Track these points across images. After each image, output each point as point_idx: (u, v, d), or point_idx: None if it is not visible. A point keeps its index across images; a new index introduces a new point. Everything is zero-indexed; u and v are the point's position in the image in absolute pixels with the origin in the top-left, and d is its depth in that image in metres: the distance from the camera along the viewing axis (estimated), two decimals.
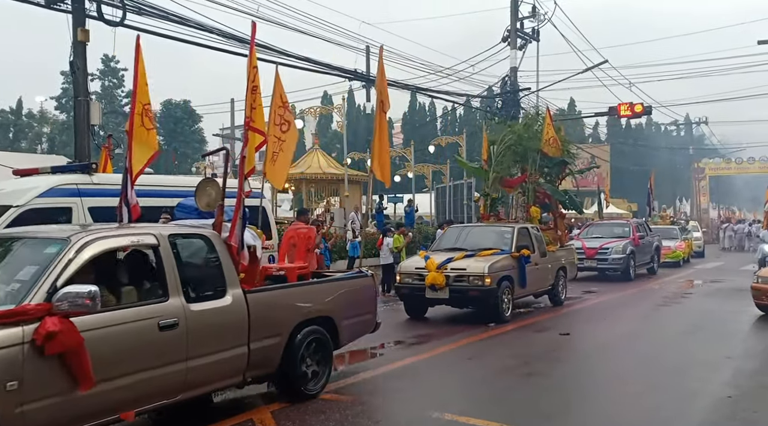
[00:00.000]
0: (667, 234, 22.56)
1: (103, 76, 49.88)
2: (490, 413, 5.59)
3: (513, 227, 11.80)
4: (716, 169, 48.69)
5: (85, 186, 8.21)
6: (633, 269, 17.67)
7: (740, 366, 7.55)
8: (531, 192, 13.92)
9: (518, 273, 10.89)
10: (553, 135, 14.03)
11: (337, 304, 6.40)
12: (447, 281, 10.15)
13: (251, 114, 6.19)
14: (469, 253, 10.78)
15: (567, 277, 13.21)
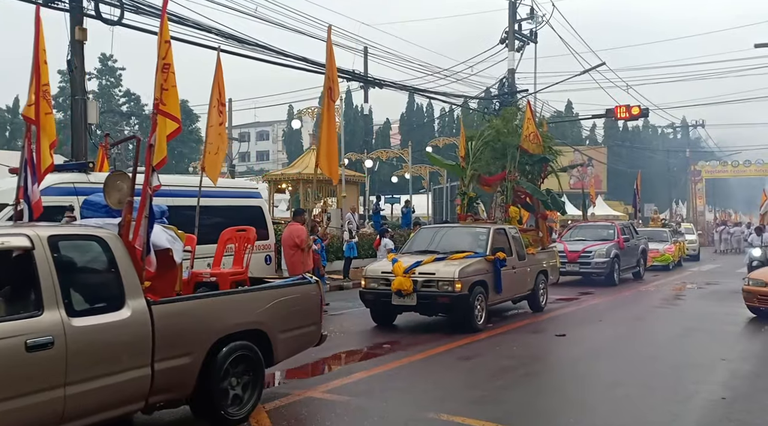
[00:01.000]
0: (656, 236, 22.02)
1: (100, 75, 49.84)
2: (486, 414, 5.60)
3: (488, 228, 10.96)
4: (712, 172, 48.90)
5: (81, 185, 8.23)
6: (617, 273, 16.88)
7: (735, 368, 7.58)
8: (510, 191, 13.01)
9: (493, 277, 10.12)
10: (533, 130, 13.13)
11: (272, 316, 5.62)
12: (415, 287, 9.38)
13: (162, 96, 5.38)
14: (439, 256, 10.03)
15: (548, 282, 12.52)
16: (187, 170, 41.60)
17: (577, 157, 44.79)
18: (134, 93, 51.27)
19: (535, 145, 13.07)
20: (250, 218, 10.67)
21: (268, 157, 76.09)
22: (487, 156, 13.35)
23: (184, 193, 9.50)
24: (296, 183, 23.93)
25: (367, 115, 37.08)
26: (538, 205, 13.53)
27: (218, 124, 7.72)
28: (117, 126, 46.02)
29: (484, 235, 10.71)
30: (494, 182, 13.27)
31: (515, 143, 13.00)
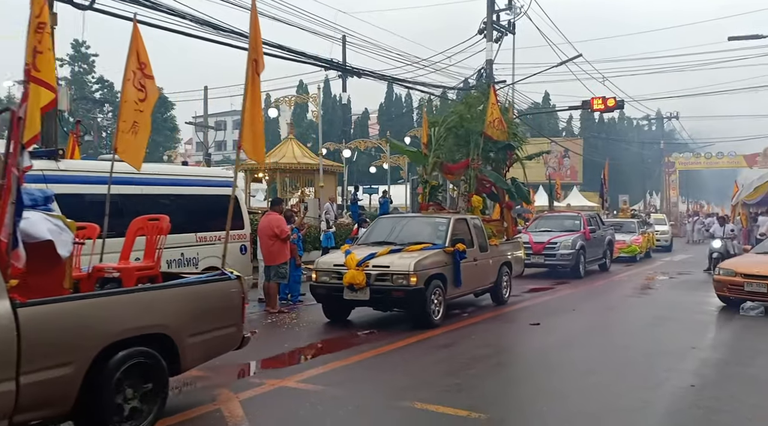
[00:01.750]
0: (623, 227, 21.79)
1: (73, 61, 48.84)
2: (459, 402, 5.63)
3: (449, 219, 10.42)
4: (686, 164, 49.67)
5: (51, 172, 8.04)
6: (583, 266, 16.41)
7: (705, 356, 7.72)
8: (473, 179, 12.28)
9: (452, 270, 9.61)
10: (498, 116, 12.43)
11: (179, 317, 4.99)
12: (368, 280, 8.84)
13: (35, 60, 4.66)
14: (396, 247, 9.51)
15: (512, 274, 12.12)
16: (162, 159, 41.10)
17: (554, 148, 45.19)
18: (107, 80, 50.37)
19: (499, 132, 12.47)
20: (225, 207, 10.55)
21: None
22: (450, 143, 12.79)
23: (153, 181, 9.36)
24: (273, 172, 23.75)
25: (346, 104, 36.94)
26: (503, 194, 13.04)
27: (137, 101, 6.86)
28: (90, 113, 45.23)
29: (444, 225, 10.20)
30: (457, 170, 12.59)
31: (479, 130, 12.36)
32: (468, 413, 5.32)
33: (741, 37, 19.10)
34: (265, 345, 8.31)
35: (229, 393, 5.85)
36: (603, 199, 27.19)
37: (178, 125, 53.20)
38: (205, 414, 5.28)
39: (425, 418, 5.27)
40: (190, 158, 53.07)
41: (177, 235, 9.45)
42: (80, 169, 8.67)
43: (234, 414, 5.28)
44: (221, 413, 5.29)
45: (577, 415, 5.42)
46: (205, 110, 35.38)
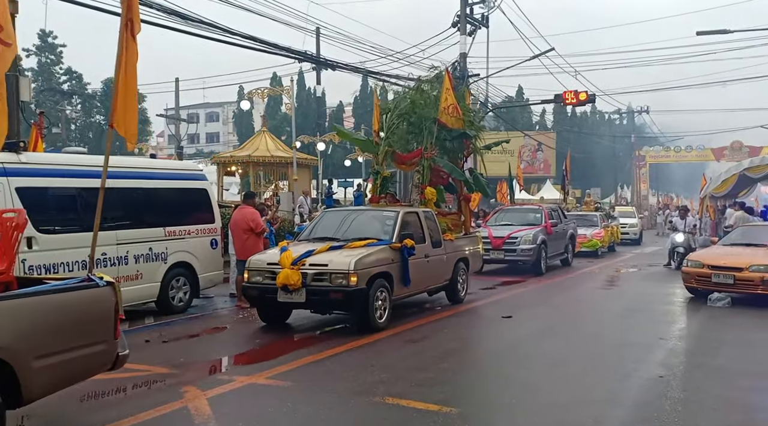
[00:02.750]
0: (585, 221, 21.10)
1: (39, 52, 47.65)
2: (430, 397, 5.61)
3: (397, 212, 9.66)
4: (656, 157, 50.46)
5: (12, 165, 7.83)
6: (544, 261, 15.70)
7: (672, 346, 7.82)
8: (427, 170, 11.44)
9: (399, 268, 8.91)
10: (452, 102, 11.58)
11: (20, 335, 4.06)
12: (304, 281, 8.08)
13: None
14: (337, 244, 8.80)
15: (469, 271, 11.43)
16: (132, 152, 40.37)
17: (527, 142, 45.54)
18: (76, 71, 49.28)
19: (454, 119, 11.63)
20: (194, 201, 10.41)
21: (219, 138, 74.61)
22: (402, 131, 11.97)
23: (120, 174, 9.14)
24: (246, 165, 23.49)
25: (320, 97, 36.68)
26: (460, 186, 12.29)
27: None
28: (58, 105, 44.23)
29: (391, 219, 9.49)
30: (409, 160, 11.73)
31: (433, 117, 11.51)
32: (439, 408, 5.30)
33: (709, 31, 19.38)
34: (235, 341, 8.22)
35: (197, 390, 5.74)
36: (564, 191, 26.33)
37: (149, 118, 52.34)
38: (171, 412, 5.17)
39: (396, 413, 5.23)
40: (162, 151, 52.34)
41: (145, 230, 9.33)
42: (43, 162, 8.45)
43: (201, 411, 5.18)
44: (188, 411, 5.19)
45: (546, 407, 5.43)
46: (177, 102, 34.83)
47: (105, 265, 8.62)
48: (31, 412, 5.21)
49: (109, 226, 8.76)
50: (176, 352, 7.43)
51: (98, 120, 51.08)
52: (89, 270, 5.06)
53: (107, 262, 8.68)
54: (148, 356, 7.08)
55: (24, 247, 7.67)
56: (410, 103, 11.85)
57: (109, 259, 8.73)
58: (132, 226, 9.14)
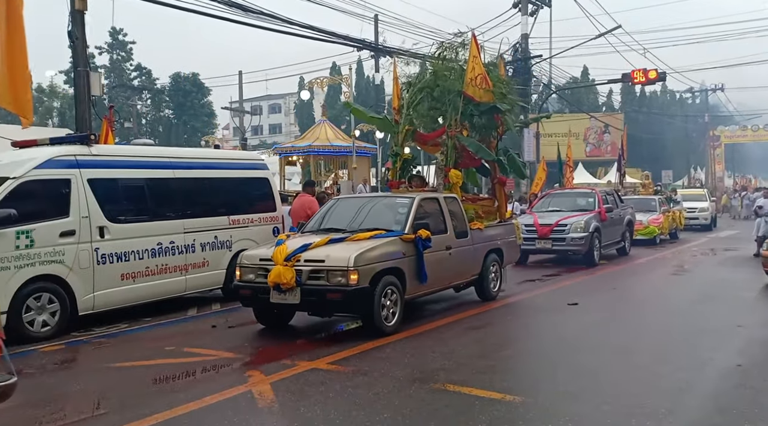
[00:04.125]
0: (643, 206, 19.23)
1: (111, 49, 49.66)
2: (493, 385, 5.50)
3: (412, 198, 8.53)
4: (732, 137, 48.02)
5: (83, 157, 8.14)
6: (598, 251, 14.26)
7: (751, 334, 7.39)
8: (451, 150, 10.07)
9: (413, 263, 7.85)
10: (480, 72, 10.02)
11: None
12: (298, 279, 7.13)
13: None
14: (338, 236, 7.75)
15: (504, 263, 10.17)
16: (200, 144, 41.59)
17: (593, 124, 44.17)
18: (145, 67, 51.13)
19: (482, 91, 10.05)
20: (257, 190, 10.59)
21: (281, 129, 75.89)
22: (424, 107, 10.55)
23: (185, 165, 9.42)
24: (307, 155, 23.78)
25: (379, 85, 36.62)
26: (495, 168, 10.83)
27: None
28: (129, 100, 46.03)
29: (405, 207, 8.36)
30: (432, 139, 10.56)
31: (457, 88, 10.08)
32: (502, 396, 5.18)
33: None
34: (297, 326, 8.33)
35: (261, 375, 5.84)
36: (620, 173, 23.92)
37: (215, 111, 53.82)
38: (236, 396, 5.26)
39: (458, 401, 5.15)
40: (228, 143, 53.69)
41: (210, 218, 9.56)
42: (113, 154, 8.76)
43: (264, 396, 5.26)
44: (252, 395, 5.28)
45: (615, 397, 5.23)
46: (240, 95, 35.63)
47: (173, 253, 8.90)
48: (104, 394, 5.44)
49: (176, 215, 9.04)
50: (241, 337, 7.59)
51: (167, 114, 52.89)
52: None
53: (175, 250, 8.95)
54: (215, 341, 7.28)
55: (97, 236, 8.01)
56: (432, 74, 10.49)
57: (177, 247, 8.99)
58: (198, 215, 9.38)
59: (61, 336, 7.59)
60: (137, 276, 8.46)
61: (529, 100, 26.76)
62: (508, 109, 10.57)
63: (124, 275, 8.31)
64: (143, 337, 7.81)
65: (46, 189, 7.70)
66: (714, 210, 26.67)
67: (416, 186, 9.90)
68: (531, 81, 26.39)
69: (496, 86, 10.47)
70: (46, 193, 7.70)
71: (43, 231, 7.49)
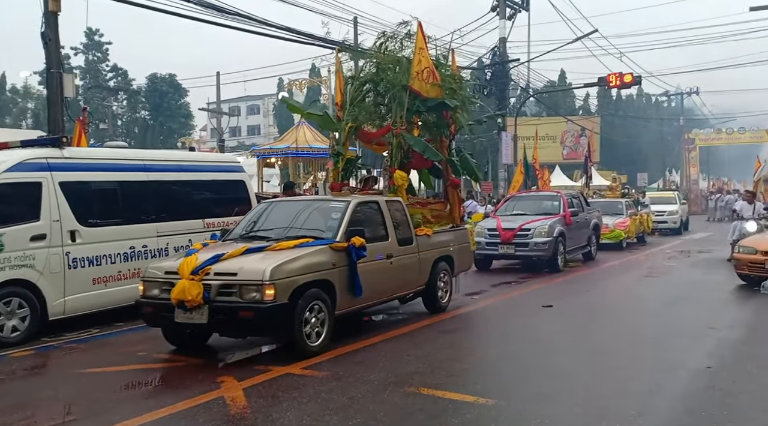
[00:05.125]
0: (609, 209, 18.66)
1: (86, 50, 49.01)
2: (467, 388, 5.52)
3: (347, 202, 7.75)
4: (706, 140, 48.72)
5: (55, 160, 8.02)
6: (562, 256, 13.67)
7: (723, 336, 7.51)
8: (395, 149, 9.27)
9: (345, 274, 7.06)
10: (428, 65, 9.26)
11: None
12: (206, 295, 6.24)
13: None
14: (256, 245, 6.95)
15: (455, 272, 9.43)
16: (176, 145, 41.23)
17: (570, 127, 44.63)
18: (121, 68, 50.55)
19: (429, 86, 9.27)
20: (233, 193, 10.51)
21: (260, 131, 75.48)
22: (369, 103, 9.80)
23: (160, 167, 9.31)
24: (286, 157, 23.66)
25: None
26: (447, 169, 9.98)
27: None
28: (104, 101, 45.45)
29: (339, 212, 7.57)
30: (376, 138, 9.81)
31: (403, 82, 9.24)
32: (475, 398, 5.20)
33: (764, 6, 18.55)
34: None
35: (233, 380, 5.78)
36: (587, 175, 23.31)
37: (192, 112, 53.37)
38: (208, 402, 5.21)
39: (432, 404, 5.16)
40: (205, 144, 53.30)
41: (184, 222, 9.46)
42: (85, 157, 8.64)
43: (237, 402, 5.21)
44: (224, 401, 5.23)
45: (586, 399, 5.27)
46: (218, 96, 35.39)
47: (146, 257, 8.78)
48: (74, 400, 5.35)
49: (150, 219, 8.94)
50: (214, 342, 7.52)
51: (143, 115, 52.33)
52: None
53: (148, 254, 8.84)
54: (188, 347, 7.16)
55: (68, 240, 7.89)
56: (375, 66, 9.66)
57: (150, 251, 8.88)
58: (172, 218, 9.28)
59: (31, 341, 7.46)
60: (109, 280, 8.34)
61: (507, 104, 26.98)
62: (457, 106, 9.64)
63: (96, 280, 8.19)
64: (115, 342, 7.70)
65: (16, 192, 7.56)
66: (684, 213, 25.71)
67: (369, 189, 9.31)
68: (509, 84, 26.62)
69: (446, 81, 9.65)
70: (16, 196, 7.57)
71: (14, 235, 7.36)
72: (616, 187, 23.47)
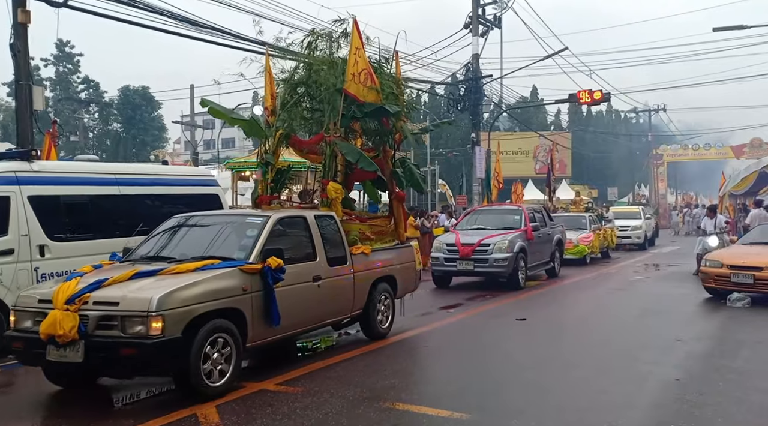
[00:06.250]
0: (573, 223, 18.33)
1: (57, 61, 48.32)
2: (441, 402, 5.54)
3: (265, 218, 6.85)
4: (674, 156, 49.87)
5: (24, 174, 7.90)
6: (523, 273, 13.09)
7: (690, 349, 7.66)
8: (329, 158, 8.43)
9: (261, 301, 6.17)
10: (365, 67, 8.42)
11: None
12: (82, 328, 5.27)
13: None
14: (150, 268, 5.98)
15: (398, 294, 8.67)
16: (149, 158, 40.77)
17: (542, 142, 45.28)
18: (93, 79, 49.92)
19: (366, 90, 8.40)
20: (206, 207, 10.41)
21: (234, 144, 75.04)
22: (302, 108, 9.05)
23: (131, 181, 9.21)
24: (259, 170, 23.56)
25: None
26: (391, 181, 9.19)
27: None
28: (76, 113, 44.80)
29: (255, 228, 6.69)
30: (308, 146, 8.97)
31: (334, 85, 8.43)
32: (450, 413, 5.23)
33: (726, 27, 19.12)
34: None
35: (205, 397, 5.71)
36: (549, 189, 22.84)
37: (165, 125, 52.86)
38: (180, 419, 5.15)
39: (407, 419, 5.17)
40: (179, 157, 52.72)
41: None
42: (55, 171, 8.52)
43: (209, 419, 5.15)
44: (196, 418, 5.17)
45: (560, 412, 5.34)
46: (192, 109, 35.19)
47: None
48: (45, 420, 5.23)
49: (121, 233, 8.80)
50: None
51: (115, 127, 51.68)
52: None
53: None
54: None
55: (37, 255, 7.75)
56: (306, 68, 8.81)
57: None
58: (144, 233, 9.13)
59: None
60: None
61: (480, 119, 27.29)
62: (398, 112, 8.76)
63: None
64: None
65: None
66: (648, 228, 25.27)
67: (306, 202, 8.65)
68: (482, 100, 26.94)
69: (385, 85, 8.86)
70: None
71: None
72: (580, 202, 22.85)
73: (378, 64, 9.28)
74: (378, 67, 9.16)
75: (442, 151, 43.91)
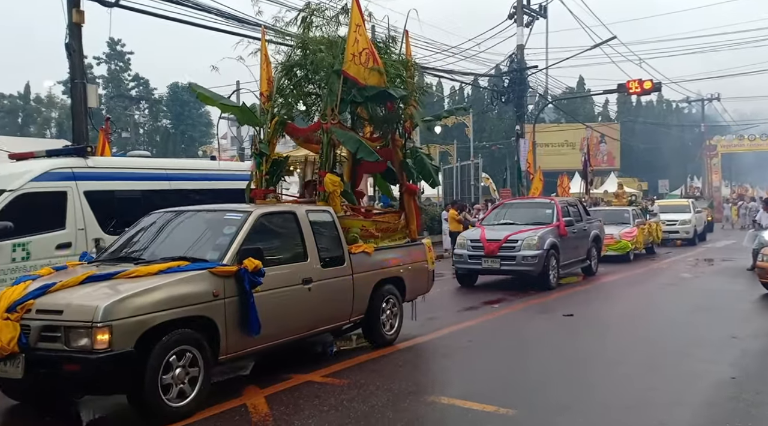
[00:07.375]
0: (614, 218, 17.32)
1: (109, 59, 49.82)
2: (486, 398, 5.52)
3: (246, 214, 6.16)
4: (728, 147, 48.17)
5: (80, 169, 8.18)
6: (554, 272, 12.11)
7: (747, 346, 7.41)
8: (326, 147, 7.56)
9: (237, 307, 5.48)
10: (366, 46, 7.58)
11: None
12: (23, 340, 4.67)
13: None
14: (106, 270, 5.31)
15: (407, 297, 7.90)
16: (197, 154, 41.68)
17: (588, 134, 44.36)
18: (143, 77, 51.30)
19: (368, 72, 7.57)
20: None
21: None
22: (299, 93, 8.27)
23: (182, 176, 9.44)
24: (304, 165, 23.78)
25: None
26: (402, 173, 8.41)
27: None
28: (127, 110, 46.14)
29: (234, 225, 6.00)
30: (305, 134, 8.23)
31: (331, 65, 7.68)
32: (496, 408, 5.20)
33: None
34: None
35: (256, 388, 5.84)
36: (586, 181, 22.02)
37: (212, 120, 53.95)
38: (230, 409, 5.27)
39: (452, 414, 5.17)
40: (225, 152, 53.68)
41: None
42: (109, 166, 8.80)
43: (259, 409, 5.26)
44: (246, 409, 5.29)
45: (607, 409, 5.25)
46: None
47: None
48: (102, 404, 5.43)
49: None
50: None
51: (164, 124, 53.01)
52: None
53: None
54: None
55: (93, 248, 8.02)
56: (302, 48, 7.99)
57: None
58: None
59: None
60: None
61: (525, 110, 26.92)
62: (405, 97, 7.97)
63: None
64: None
65: (42, 201, 7.71)
66: (699, 222, 23.85)
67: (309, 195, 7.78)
68: (527, 91, 26.56)
69: (391, 66, 8.15)
70: (42, 205, 7.71)
71: (40, 243, 7.50)
72: (623, 195, 21.56)
73: (384, 44, 8.62)
74: (384, 47, 8.51)
75: (485, 144, 43.53)
